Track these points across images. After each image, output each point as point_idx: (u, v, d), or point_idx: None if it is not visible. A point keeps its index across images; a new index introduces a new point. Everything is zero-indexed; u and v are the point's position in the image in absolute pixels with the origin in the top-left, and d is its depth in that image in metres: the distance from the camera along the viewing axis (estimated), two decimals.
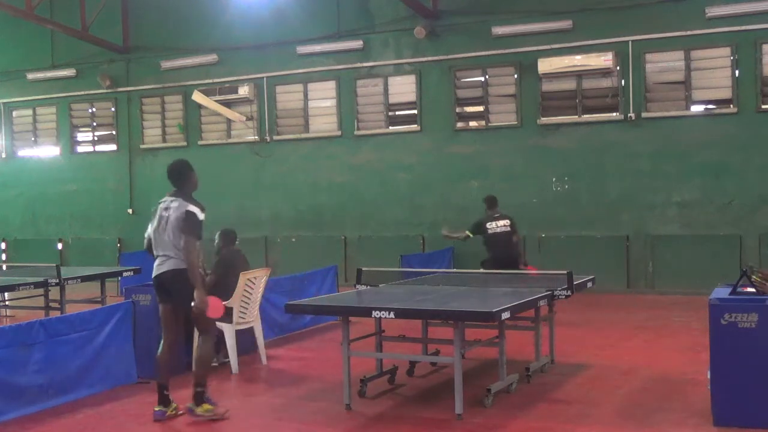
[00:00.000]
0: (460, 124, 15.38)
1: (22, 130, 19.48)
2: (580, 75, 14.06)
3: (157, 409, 6.33)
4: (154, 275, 6.34)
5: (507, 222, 10.70)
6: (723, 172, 13.35)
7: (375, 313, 6.15)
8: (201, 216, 6.22)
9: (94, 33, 17.02)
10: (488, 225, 10.60)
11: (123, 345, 7.42)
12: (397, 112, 15.92)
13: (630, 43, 13.74)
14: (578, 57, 13.85)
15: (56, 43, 18.42)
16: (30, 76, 18.79)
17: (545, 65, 13.99)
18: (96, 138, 18.81)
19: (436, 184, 15.32)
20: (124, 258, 15.35)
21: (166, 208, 6.28)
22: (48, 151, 19.12)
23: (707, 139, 13.44)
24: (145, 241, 6.50)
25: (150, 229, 6.40)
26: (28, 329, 6.56)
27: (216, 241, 8.61)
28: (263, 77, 16.62)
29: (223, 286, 7.91)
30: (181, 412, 6.37)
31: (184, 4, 17.18)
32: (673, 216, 13.59)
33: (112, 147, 18.45)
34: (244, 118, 16.86)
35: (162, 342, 6.38)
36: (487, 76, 14.99)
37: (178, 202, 6.24)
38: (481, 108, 15.21)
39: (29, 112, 19.27)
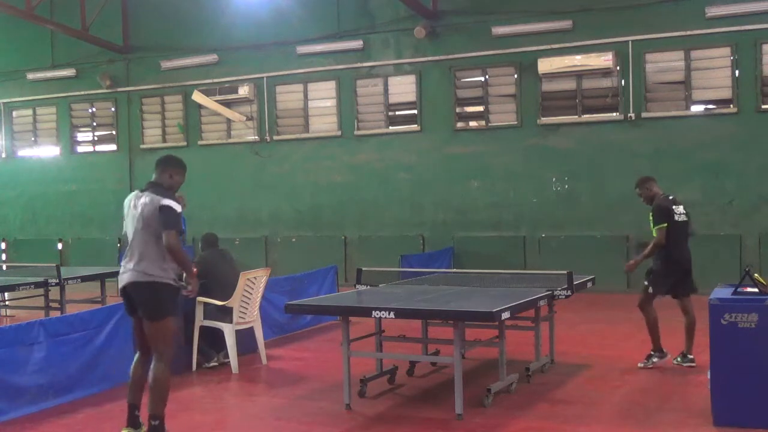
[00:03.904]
0: (460, 124, 15.38)
1: (22, 130, 19.48)
2: (580, 75, 14.06)
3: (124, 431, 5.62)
4: (119, 285, 5.64)
5: (683, 209, 7.87)
6: (723, 172, 13.35)
7: (375, 313, 6.16)
8: (178, 209, 5.47)
9: (94, 33, 17.02)
10: (673, 209, 7.71)
11: (123, 345, 7.40)
12: (397, 112, 15.92)
13: (630, 43, 13.74)
14: (578, 57, 13.86)
15: (56, 43, 18.42)
16: (30, 76, 18.79)
17: (545, 65, 14.00)
18: (96, 138, 18.82)
19: (436, 184, 15.32)
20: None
21: (136, 206, 5.53)
22: (48, 151, 19.12)
23: (707, 139, 13.44)
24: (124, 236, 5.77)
25: (124, 225, 5.72)
26: (28, 329, 6.56)
27: (200, 245, 9.04)
28: (263, 77, 16.62)
29: (204, 286, 7.89)
30: None
31: (184, 4, 17.18)
32: None
33: (112, 147, 18.46)
34: (244, 118, 16.86)
35: (136, 357, 5.70)
36: (487, 76, 15.00)
37: (150, 197, 5.48)
38: (481, 108, 15.21)
39: (29, 112, 19.27)
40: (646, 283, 7.85)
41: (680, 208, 7.81)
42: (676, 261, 7.68)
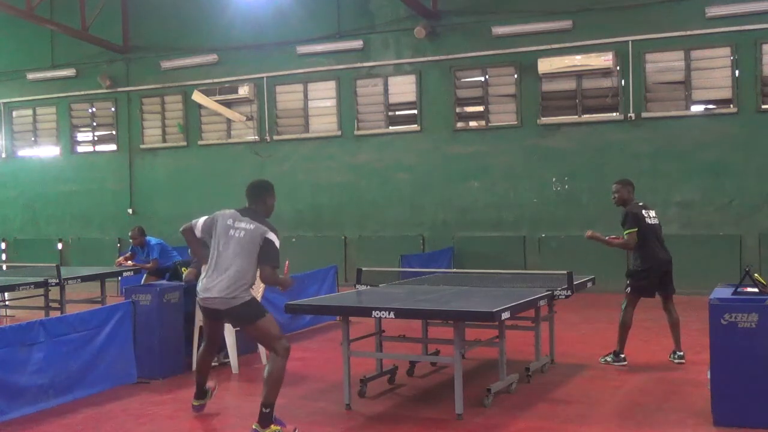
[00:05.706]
0: (460, 124, 15.38)
1: (22, 130, 19.48)
2: (580, 75, 14.06)
3: (196, 403, 6.39)
4: (207, 304, 5.85)
5: (654, 214, 8.00)
6: (723, 172, 13.36)
7: (375, 313, 6.15)
8: (278, 243, 5.87)
9: (94, 33, 17.02)
10: (644, 213, 7.84)
11: (123, 345, 7.42)
12: (397, 112, 15.92)
13: (630, 43, 13.75)
14: (578, 57, 13.86)
15: (56, 43, 18.43)
16: (30, 76, 18.79)
17: (545, 65, 14.00)
18: (96, 138, 18.82)
19: (436, 184, 15.32)
20: None
21: (236, 228, 5.83)
22: (48, 151, 19.12)
23: (707, 139, 13.44)
24: (192, 226, 6.10)
25: (201, 223, 6.04)
26: (28, 329, 6.56)
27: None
28: (263, 77, 16.62)
29: None
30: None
31: (184, 4, 17.19)
32: (673, 216, 13.57)
33: (112, 147, 18.46)
34: (244, 118, 16.86)
35: (204, 345, 6.30)
36: (487, 76, 15.00)
37: (254, 225, 5.81)
38: (481, 108, 15.21)
39: (29, 112, 19.27)
40: (627, 283, 7.97)
41: (651, 212, 7.97)
42: (651, 262, 7.79)
